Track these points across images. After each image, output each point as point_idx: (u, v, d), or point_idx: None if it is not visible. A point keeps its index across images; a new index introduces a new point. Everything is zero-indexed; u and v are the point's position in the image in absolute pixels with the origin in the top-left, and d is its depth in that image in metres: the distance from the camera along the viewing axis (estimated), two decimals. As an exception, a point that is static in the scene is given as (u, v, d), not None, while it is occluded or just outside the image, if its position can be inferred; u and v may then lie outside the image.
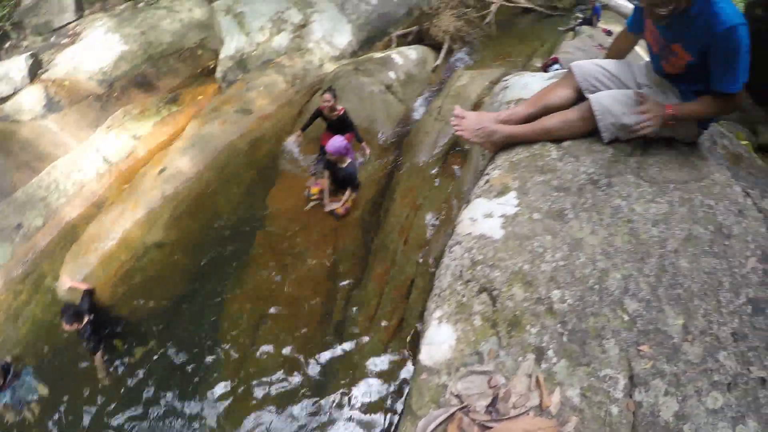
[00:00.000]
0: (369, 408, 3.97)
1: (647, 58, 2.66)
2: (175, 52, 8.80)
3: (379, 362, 4.21)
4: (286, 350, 4.53)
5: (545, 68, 3.03)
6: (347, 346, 4.45)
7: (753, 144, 5.16)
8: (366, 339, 4.43)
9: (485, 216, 2.33)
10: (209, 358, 4.64)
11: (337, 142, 5.51)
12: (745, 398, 1.64)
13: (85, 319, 4.84)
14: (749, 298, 1.92)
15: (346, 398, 4.05)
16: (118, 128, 7.62)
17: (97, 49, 8.23)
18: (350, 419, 3.94)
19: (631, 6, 18.60)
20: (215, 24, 8.89)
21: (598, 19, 12.56)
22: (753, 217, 2.24)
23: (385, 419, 3.90)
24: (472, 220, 2.35)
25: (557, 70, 2.96)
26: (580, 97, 2.65)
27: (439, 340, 1.94)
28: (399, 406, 3.89)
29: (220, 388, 4.37)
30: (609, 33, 12.19)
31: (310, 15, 8.85)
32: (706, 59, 2.23)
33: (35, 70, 7.89)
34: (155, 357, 4.78)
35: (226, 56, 8.44)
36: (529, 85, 3.23)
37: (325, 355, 4.44)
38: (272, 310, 4.89)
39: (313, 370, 4.36)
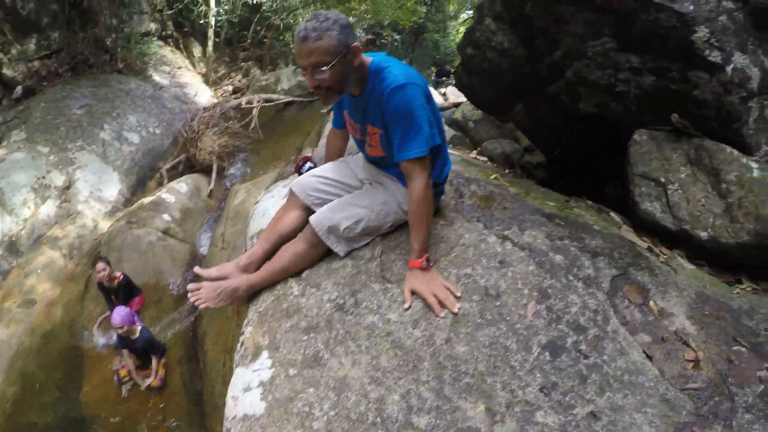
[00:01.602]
0: None
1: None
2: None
3: None
4: None
5: (298, 170, 2.92)
6: None
7: (520, 150, 5.53)
8: None
9: (245, 390, 2.08)
10: None
11: (119, 313, 5.09)
12: (583, 441, 1.60)
13: None
14: (543, 345, 1.91)
15: None
16: None
17: None
18: None
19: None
20: (-26, 209, 7.92)
21: (353, 91, 13.19)
22: (517, 259, 2.23)
23: None
24: (234, 400, 2.09)
25: (311, 168, 2.84)
26: (311, 214, 2.51)
27: None
28: None
29: None
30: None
31: (73, 173, 8.16)
32: None
33: None
34: None
35: (-7, 244, 7.46)
36: (268, 211, 3.07)
37: None
38: None
39: None
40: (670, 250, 2.59)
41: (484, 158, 5.76)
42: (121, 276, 5.92)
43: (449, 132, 8.21)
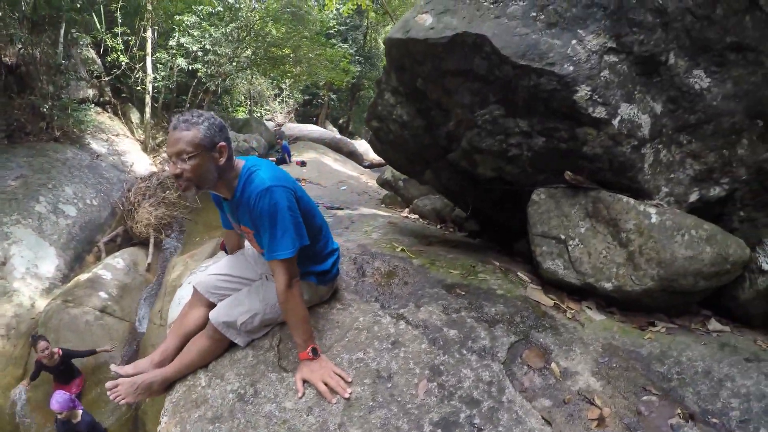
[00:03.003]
0: None
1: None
2: None
3: None
4: None
5: (223, 247, 2.93)
6: None
7: (449, 205, 5.54)
8: None
9: (162, 486, 2.05)
10: None
11: (57, 399, 4.89)
12: None
13: None
14: (435, 423, 1.89)
15: None
16: None
17: None
18: None
19: (312, 129, 20.30)
20: None
21: (290, 155, 13.56)
22: (410, 338, 2.25)
23: None
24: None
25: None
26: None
27: None
28: None
29: None
30: (303, 164, 13.18)
31: (8, 249, 7.83)
32: None
33: None
34: None
35: (-74, 330, 7.08)
36: (183, 299, 3.06)
37: None
38: None
39: None
40: (579, 303, 2.64)
41: (416, 216, 5.82)
42: (59, 351, 5.75)
43: (381, 192, 8.29)
